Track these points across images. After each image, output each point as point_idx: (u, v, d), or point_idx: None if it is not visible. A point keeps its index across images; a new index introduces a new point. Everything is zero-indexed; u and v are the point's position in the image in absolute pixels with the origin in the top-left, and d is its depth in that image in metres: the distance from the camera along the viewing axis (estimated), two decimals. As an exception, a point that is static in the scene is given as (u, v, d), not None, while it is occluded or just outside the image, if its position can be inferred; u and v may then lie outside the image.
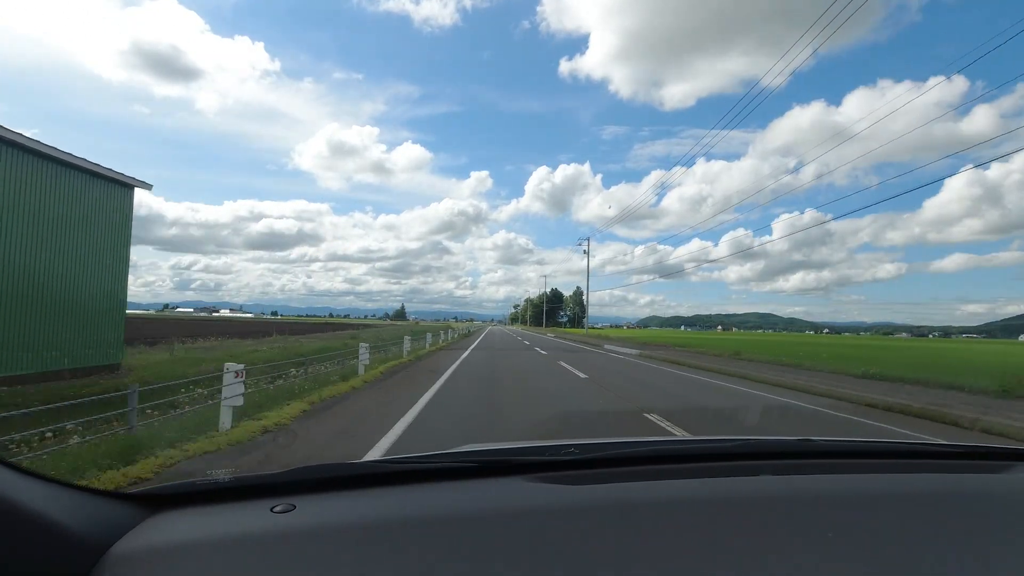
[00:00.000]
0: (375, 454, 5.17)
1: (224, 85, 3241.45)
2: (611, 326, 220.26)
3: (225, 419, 6.32)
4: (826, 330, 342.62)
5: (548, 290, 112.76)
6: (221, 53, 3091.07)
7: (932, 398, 10.97)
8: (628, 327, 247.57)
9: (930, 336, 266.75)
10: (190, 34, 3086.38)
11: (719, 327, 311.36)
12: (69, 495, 0.83)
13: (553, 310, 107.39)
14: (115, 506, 0.89)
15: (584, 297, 50.66)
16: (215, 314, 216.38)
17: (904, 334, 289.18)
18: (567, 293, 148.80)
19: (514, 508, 0.93)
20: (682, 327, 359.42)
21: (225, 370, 6.70)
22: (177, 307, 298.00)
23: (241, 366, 6.85)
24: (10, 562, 0.68)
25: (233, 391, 6.56)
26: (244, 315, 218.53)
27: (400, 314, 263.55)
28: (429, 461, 1.10)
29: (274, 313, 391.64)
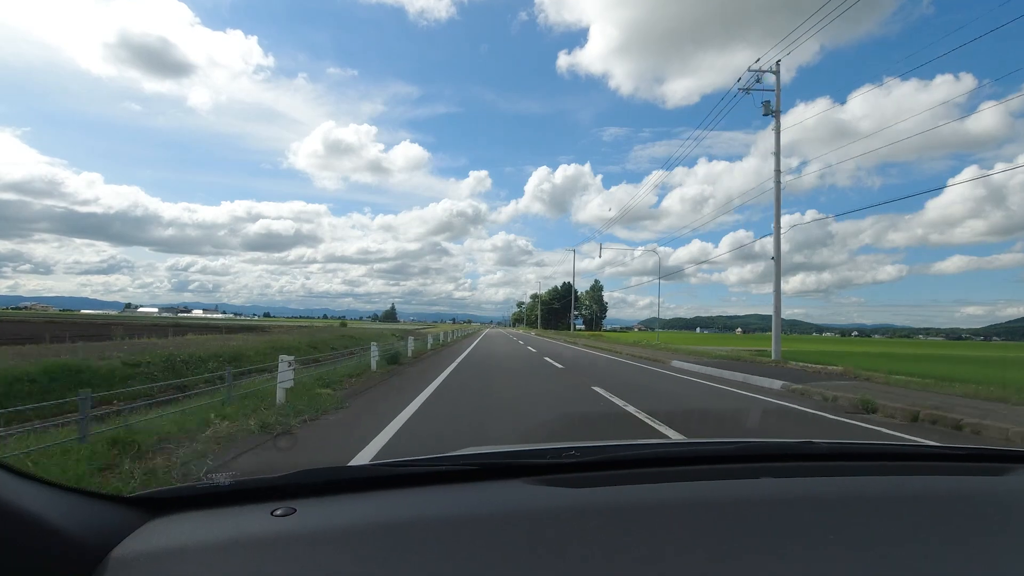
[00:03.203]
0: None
1: (217, 81, 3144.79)
2: (622, 329, 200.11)
3: None
4: (855, 333, 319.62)
5: (560, 284, 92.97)
6: (213, 47, 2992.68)
7: None
8: (639, 328, 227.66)
9: (964, 338, 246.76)
10: (180, 27, 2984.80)
11: (739, 330, 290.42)
12: (68, 499, 0.81)
13: (564, 308, 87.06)
14: (115, 510, 0.87)
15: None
16: (182, 314, 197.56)
17: (922, 336, 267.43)
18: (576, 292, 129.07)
19: (515, 511, 0.93)
20: (697, 329, 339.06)
21: None
22: (140, 307, 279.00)
23: None
24: (9, 566, 0.67)
25: None
26: (216, 316, 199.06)
27: (390, 315, 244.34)
28: (430, 464, 1.10)
29: (266, 315, 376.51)
